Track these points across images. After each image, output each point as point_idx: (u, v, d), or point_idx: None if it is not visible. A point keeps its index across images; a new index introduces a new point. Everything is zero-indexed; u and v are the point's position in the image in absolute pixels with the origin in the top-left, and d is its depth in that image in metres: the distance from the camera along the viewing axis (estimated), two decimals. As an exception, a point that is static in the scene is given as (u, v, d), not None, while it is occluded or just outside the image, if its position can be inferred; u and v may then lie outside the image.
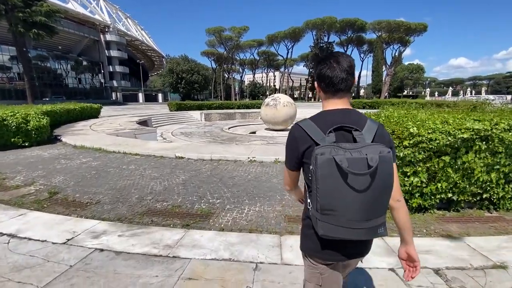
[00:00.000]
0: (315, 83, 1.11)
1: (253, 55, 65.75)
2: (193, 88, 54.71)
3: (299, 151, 1.01)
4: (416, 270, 1.04)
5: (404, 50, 47.74)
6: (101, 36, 50.54)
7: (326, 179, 0.86)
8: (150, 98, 58.88)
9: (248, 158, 5.93)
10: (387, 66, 49.44)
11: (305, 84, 79.85)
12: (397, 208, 1.02)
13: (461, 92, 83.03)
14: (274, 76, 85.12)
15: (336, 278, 1.11)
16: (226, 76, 75.47)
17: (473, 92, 79.75)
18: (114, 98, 54.25)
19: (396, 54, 49.54)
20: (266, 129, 14.28)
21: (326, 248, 1.03)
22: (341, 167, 0.82)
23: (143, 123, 13.08)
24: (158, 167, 5.43)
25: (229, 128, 14.98)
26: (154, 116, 17.90)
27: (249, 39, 60.16)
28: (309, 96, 74.19)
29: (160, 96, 61.51)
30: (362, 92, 75.91)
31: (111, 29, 51.52)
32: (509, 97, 52.97)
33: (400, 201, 1.02)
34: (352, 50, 59.11)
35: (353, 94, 66.09)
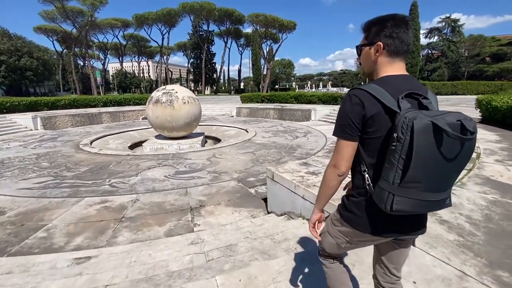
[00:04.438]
0: (374, 46, 0.97)
1: (117, 38, 53.44)
2: (24, 78, 37.46)
3: (366, 116, 0.89)
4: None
5: (279, 47, 51.28)
6: None
7: (422, 148, 0.76)
8: None
9: None
10: (266, 61, 51.88)
11: (186, 75, 73.99)
12: None
13: (314, 85, 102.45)
14: (148, 66, 74.15)
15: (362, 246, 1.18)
16: (81, 63, 58.62)
17: (321, 85, 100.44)
18: None
19: (268, 49, 52.79)
20: (157, 137, 9.50)
21: (382, 224, 0.97)
22: (444, 132, 0.75)
23: None
24: None
25: (92, 143, 9.03)
26: None
27: (109, 17, 48.07)
28: (192, 89, 69.24)
29: (-40, 89, 39.09)
30: (242, 85, 78.31)
31: None
32: (345, 89, 68.71)
33: None
34: (231, 43, 58.71)
35: (242, 87, 66.79)
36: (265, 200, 4.27)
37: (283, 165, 3.59)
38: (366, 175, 0.95)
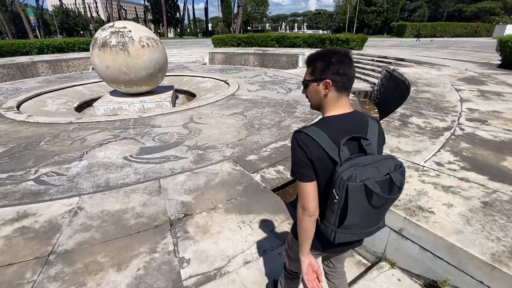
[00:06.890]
0: (322, 83, 0.93)
1: (48, -36, 42.37)
2: None
3: (312, 159, 0.90)
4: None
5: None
6: None
7: (356, 205, 0.85)
8: None
9: None
10: (236, -4, 45.37)
11: (143, 15, 63.89)
12: None
13: (288, 27, 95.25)
14: (96, 3, 62.21)
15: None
16: (7, -2, 47.05)
17: (296, 27, 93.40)
18: None
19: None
20: (112, 93, 7.38)
21: (329, 246, 1.07)
22: (372, 192, 0.82)
23: None
24: None
25: (19, 105, 6.68)
26: None
27: None
28: (152, 31, 60.61)
29: None
30: (210, 27, 69.97)
31: None
32: (320, 31, 64.27)
33: None
34: (194, -27, 49.71)
35: (212, 30, 58.82)
36: (276, 190, 2.97)
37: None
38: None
